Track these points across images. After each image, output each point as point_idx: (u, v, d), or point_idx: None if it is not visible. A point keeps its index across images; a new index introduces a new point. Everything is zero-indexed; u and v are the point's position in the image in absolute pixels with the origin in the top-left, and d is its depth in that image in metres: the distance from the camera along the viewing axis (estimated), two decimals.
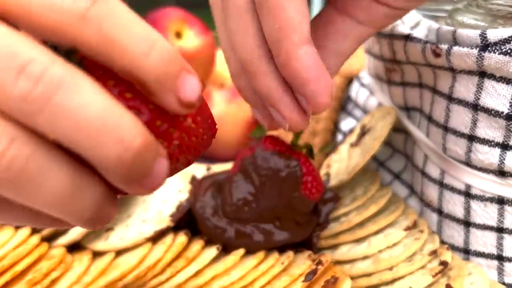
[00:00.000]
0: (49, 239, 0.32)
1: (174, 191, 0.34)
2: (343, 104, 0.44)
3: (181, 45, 0.42)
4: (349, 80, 0.45)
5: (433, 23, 0.30)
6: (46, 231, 0.32)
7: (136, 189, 0.15)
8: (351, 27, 0.23)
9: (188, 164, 0.18)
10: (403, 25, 0.31)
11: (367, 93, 0.39)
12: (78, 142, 0.14)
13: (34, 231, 0.32)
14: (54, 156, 0.15)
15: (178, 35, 0.43)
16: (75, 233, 0.31)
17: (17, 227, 0.33)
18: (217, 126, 0.19)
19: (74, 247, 0.31)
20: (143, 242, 0.30)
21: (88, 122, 0.14)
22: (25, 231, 0.32)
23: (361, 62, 0.46)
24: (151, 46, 0.15)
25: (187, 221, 0.31)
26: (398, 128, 0.35)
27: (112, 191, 0.16)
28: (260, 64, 0.22)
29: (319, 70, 0.20)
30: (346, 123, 0.42)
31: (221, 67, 0.46)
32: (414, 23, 0.32)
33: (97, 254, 0.31)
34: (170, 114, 0.16)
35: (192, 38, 0.43)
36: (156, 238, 0.30)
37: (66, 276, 0.29)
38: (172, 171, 0.18)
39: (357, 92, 0.41)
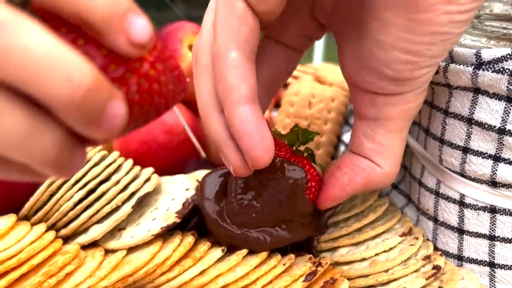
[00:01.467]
0: (67, 239, 0.34)
1: (182, 189, 0.35)
2: (346, 118, 0.46)
3: None
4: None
5: None
6: (63, 232, 0.34)
7: (94, 130, 0.16)
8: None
9: (157, 114, 0.19)
10: None
11: None
12: (27, 82, 0.15)
13: (50, 228, 0.34)
14: (8, 99, 0.15)
15: (191, 47, 0.45)
16: (94, 233, 0.33)
17: (32, 224, 0.34)
18: (188, 80, 0.20)
19: (87, 245, 0.33)
20: (151, 239, 0.32)
21: (34, 61, 0.14)
22: (41, 227, 0.33)
23: None
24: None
25: (196, 223, 0.33)
26: None
27: (77, 139, 0.17)
28: (211, 113, 0.24)
29: (255, 127, 0.23)
30: (349, 135, 0.43)
31: None
32: None
33: (108, 251, 0.33)
34: (125, 59, 0.17)
35: None
36: (164, 234, 0.32)
37: (80, 270, 0.31)
38: (137, 119, 0.18)
39: None
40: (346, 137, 0.43)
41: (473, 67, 0.27)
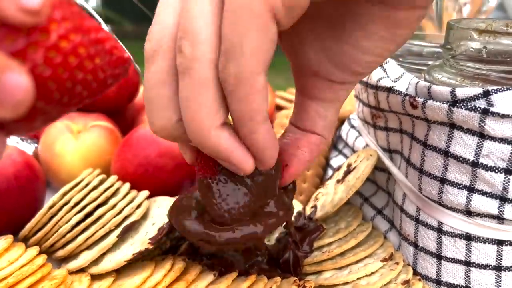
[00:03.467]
0: (62, 261, 0.35)
1: (163, 215, 0.37)
2: (335, 143, 0.48)
3: None
4: (341, 121, 0.49)
5: (413, 77, 0.34)
6: (60, 253, 0.35)
7: None
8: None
9: (90, 92, 0.18)
10: (387, 78, 0.35)
11: (356, 134, 0.43)
12: None
13: (47, 250, 0.36)
14: None
15: None
16: (82, 260, 0.34)
17: (29, 247, 0.36)
18: (128, 55, 0.19)
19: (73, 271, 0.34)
20: (124, 264, 0.33)
21: None
22: (33, 251, 0.34)
23: (352, 104, 0.50)
24: None
25: (187, 247, 0.34)
26: (382, 168, 0.39)
27: None
28: (214, 127, 0.23)
29: (274, 142, 0.25)
30: (336, 160, 0.45)
31: None
32: (398, 76, 0.36)
33: (95, 276, 0.34)
34: (24, 31, 0.16)
35: None
36: (156, 259, 0.33)
37: None
38: (60, 97, 0.17)
39: (347, 132, 0.45)
40: (334, 162, 0.45)
41: (448, 104, 0.29)
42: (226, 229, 0.28)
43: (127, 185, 0.40)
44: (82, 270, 0.35)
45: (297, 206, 0.40)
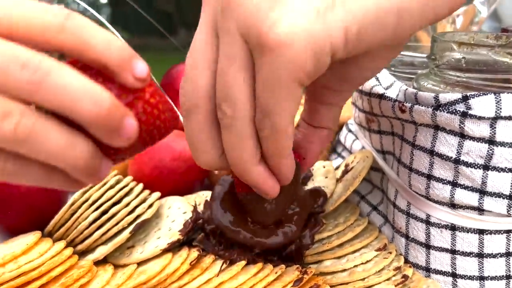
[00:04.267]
0: (80, 255, 0.39)
1: (180, 213, 0.41)
2: (334, 146, 0.52)
3: None
4: (340, 126, 0.52)
5: (402, 85, 0.38)
6: (79, 247, 0.39)
7: (116, 138, 0.22)
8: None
9: (159, 135, 0.25)
10: (380, 86, 0.39)
11: (353, 138, 0.47)
12: (66, 108, 0.21)
13: (68, 245, 0.39)
14: (51, 121, 0.21)
15: None
16: (98, 253, 0.38)
17: (54, 241, 0.40)
18: (178, 113, 0.26)
19: (98, 262, 0.38)
20: (159, 253, 0.37)
21: (72, 92, 0.21)
22: (61, 244, 0.38)
23: (350, 111, 0.53)
24: (109, 43, 0.22)
25: (200, 240, 0.38)
26: (376, 168, 0.42)
27: (103, 152, 0.23)
28: (254, 166, 0.30)
29: (292, 168, 0.31)
30: (336, 162, 0.49)
31: None
32: (389, 84, 0.39)
33: (118, 266, 0.38)
34: (132, 90, 0.23)
35: None
36: (173, 250, 0.37)
37: (95, 281, 0.36)
38: (145, 137, 0.24)
39: (345, 136, 0.49)
40: (334, 164, 0.49)
41: (432, 108, 0.33)
42: (269, 236, 0.35)
43: (140, 185, 0.44)
44: (105, 261, 0.38)
45: None
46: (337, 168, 0.44)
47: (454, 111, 0.32)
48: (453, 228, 0.35)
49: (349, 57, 0.27)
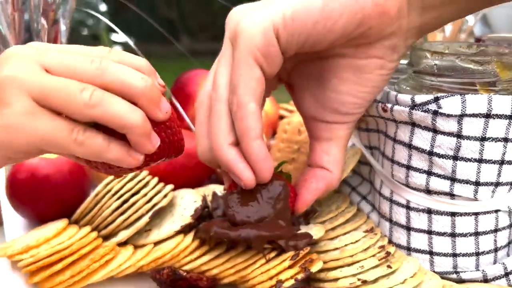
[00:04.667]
0: (104, 239, 0.44)
1: (191, 202, 0.47)
2: None
3: None
4: None
5: (386, 88, 0.43)
6: (103, 232, 0.44)
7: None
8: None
9: (174, 151, 0.33)
10: None
11: None
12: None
13: (93, 229, 0.45)
14: (98, 133, 0.30)
15: None
16: (121, 236, 0.44)
17: (80, 227, 0.45)
18: (183, 138, 0.34)
19: (120, 244, 0.44)
20: (173, 234, 0.42)
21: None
22: (87, 228, 0.44)
23: None
24: (144, 85, 0.30)
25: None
26: (365, 162, 0.48)
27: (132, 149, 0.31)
28: (225, 145, 0.35)
29: (265, 155, 0.35)
30: None
31: None
32: None
33: (137, 247, 0.44)
34: (158, 120, 0.31)
35: None
36: (182, 231, 0.43)
37: (118, 257, 0.42)
38: (166, 150, 0.32)
39: None
40: None
41: (409, 107, 0.38)
42: (238, 229, 0.37)
43: (156, 179, 0.49)
44: (125, 243, 0.44)
45: None
46: None
47: (427, 110, 0.38)
48: (429, 211, 0.40)
49: (301, 50, 0.34)
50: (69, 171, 0.48)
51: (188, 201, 0.47)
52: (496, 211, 0.39)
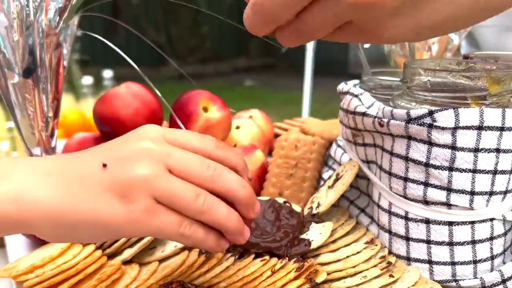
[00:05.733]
0: (108, 258, 0.45)
1: None
2: (326, 160, 0.59)
3: (207, 116, 0.57)
4: (330, 143, 0.60)
5: (381, 104, 0.45)
6: (108, 251, 0.45)
7: (252, 212, 0.36)
8: None
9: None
10: (362, 106, 0.46)
11: (342, 152, 0.54)
12: (231, 192, 0.34)
13: (97, 247, 0.45)
14: (219, 200, 0.34)
15: (205, 109, 0.58)
16: (126, 254, 0.44)
17: (84, 245, 0.46)
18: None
19: (125, 263, 0.44)
20: (177, 251, 0.43)
21: (234, 183, 0.34)
22: (91, 247, 0.45)
23: (338, 129, 0.61)
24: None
25: None
26: (362, 176, 0.49)
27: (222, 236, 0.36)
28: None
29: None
30: (327, 174, 0.56)
31: (234, 132, 0.62)
32: (370, 104, 0.47)
33: (142, 265, 0.44)
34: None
35: (215, 112, 0.58)
36: (186, 248, 0.43)
37: (125, 277, 0.42)
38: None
39: (335, 151, 0.56)
40: (325, 175, 0.56)
41: (405, 122, 0.40)
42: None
43: None
44: (130, 262, 0.45)
45: (296, 209, 0.51)
46: (329, 177, 0.51)
47: (422, 123, 0.39)
48: (427, 221, 0.41)
49: None
50: None
51: None
52: (491, 219, 0.41)
